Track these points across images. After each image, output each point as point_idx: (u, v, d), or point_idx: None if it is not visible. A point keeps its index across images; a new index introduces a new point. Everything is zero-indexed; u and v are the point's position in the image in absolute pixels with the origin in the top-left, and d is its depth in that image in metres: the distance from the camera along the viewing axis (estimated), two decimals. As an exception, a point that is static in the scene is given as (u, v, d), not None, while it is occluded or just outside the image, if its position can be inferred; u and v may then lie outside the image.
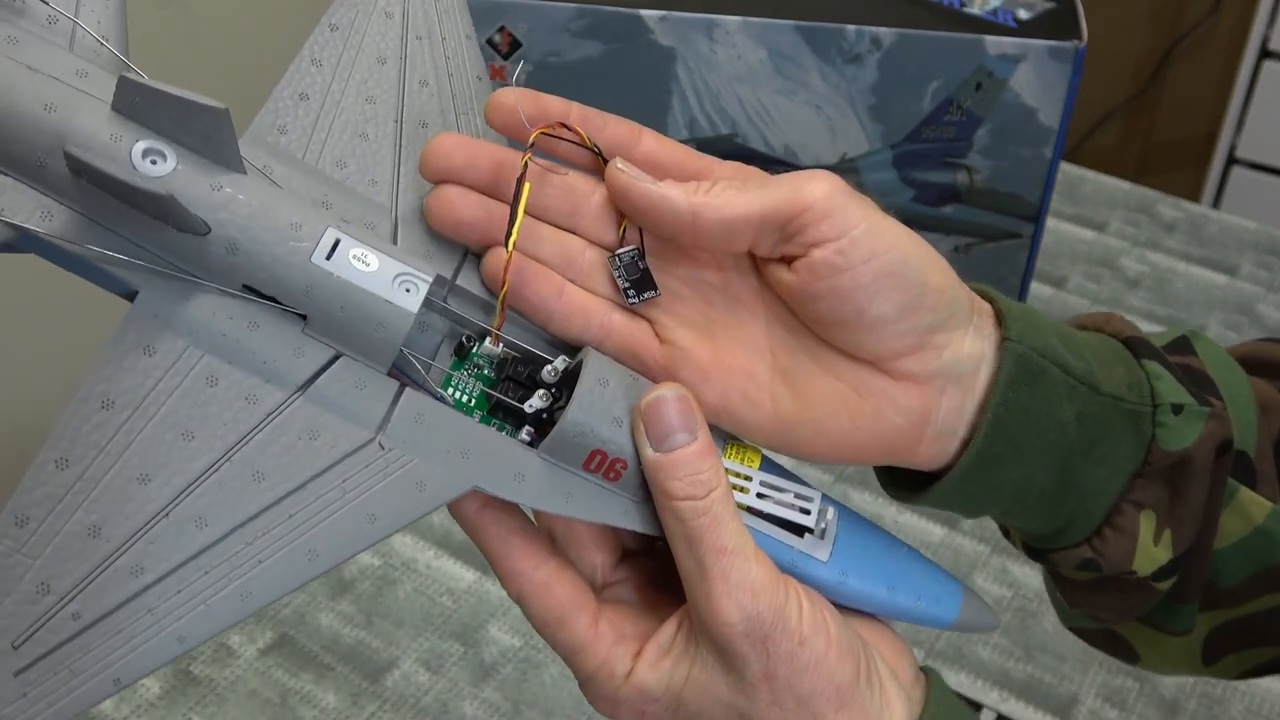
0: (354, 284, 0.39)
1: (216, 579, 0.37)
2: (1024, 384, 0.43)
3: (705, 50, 0.95)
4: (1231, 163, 2.03)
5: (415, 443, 0.39)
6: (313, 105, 0.43)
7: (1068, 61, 0.92)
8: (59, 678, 0.35)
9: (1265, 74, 1.94)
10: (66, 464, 0.37)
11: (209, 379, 0.38)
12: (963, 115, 0.95)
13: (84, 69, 0.40)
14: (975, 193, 0.99)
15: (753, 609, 0.40)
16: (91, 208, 0.38)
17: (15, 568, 0.35)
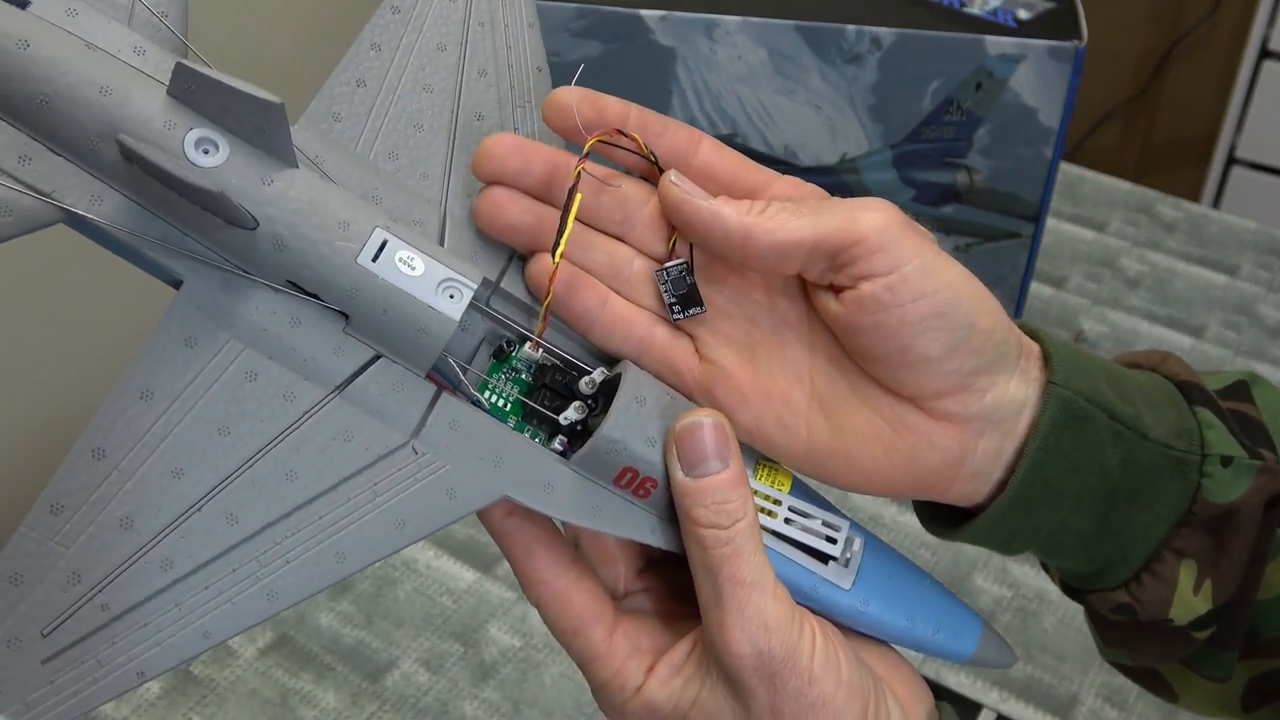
0: (398, 288, 0.39)
1: (244, 577, 0.37)
2: (1067, 429, 0.42)
3: (705, 50, 0.95)
4: (1231, 163, 2.03)
5: (449, 449, 0.39)
6: (369, 92, 0.43)
7: (1068, 61, 0.92)
8: (85, 668, 0.35)
9: (1265, 74, 1.94)
10: (103, 454, 0.37)
11: (248, 374, 0.38)
12: (963, 115, 0.95)
13: (142, 46, 0.39)
14: (975, 193, 0.99)
15: (764, 644, 0.40)
16: (142, 194, 0.38)
17: (48, 555, 0.35)
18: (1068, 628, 0.92)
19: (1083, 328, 1.22)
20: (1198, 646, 0.47)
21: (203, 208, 0.38)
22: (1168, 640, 0.47)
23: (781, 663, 0.40)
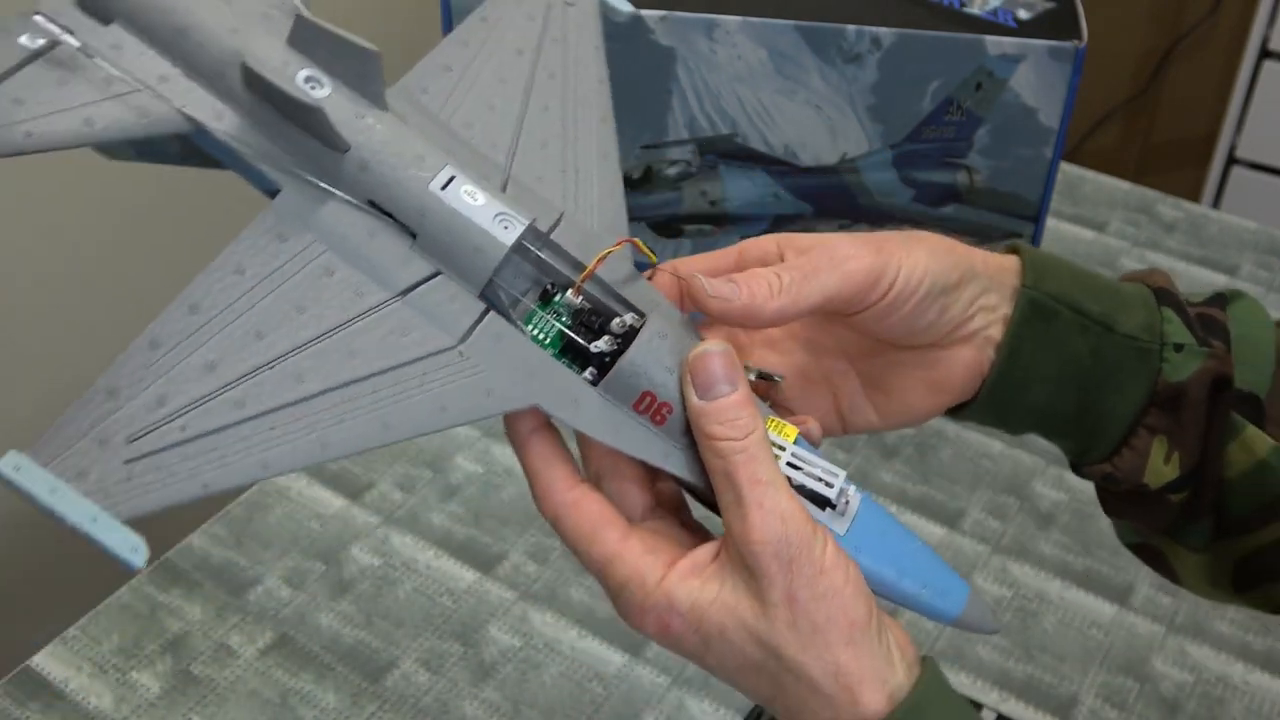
0: (460, 212, 0.45)
1: (303, 425, 0.43)
2: (1037, 322, 0.52)
3: (705, 50, 0.95)
4: (1231, 163, 2.03)
5: (490, 357, 0.45)
6: (453, 76, 0.51)
7: (1068, 61, 0.91)
8: (158, 474, 0.41)
9: (1265, 74, 1.94)
10: (197, 309, 0.43)
11: (327, 270, 0.45)
12: (963, 115, 0.95)
13: (270, 13, 0.47)
14: (975, 193, 0.99)
15: (783, 531, 0.44)
16: (255, 115, 0.45)
17: (141, 380, 0.42)
18: (1068, 628, 0.92)
19: None
20: (1175, 512, 0.55)
21: (303, 128, 0.45)
22: (1149, 505, 0.55)
23: (798, 549, 0.44)
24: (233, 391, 0.42)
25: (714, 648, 0.46)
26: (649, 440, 0.47)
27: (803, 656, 0.44)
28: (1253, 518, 0.54)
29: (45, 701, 0.86)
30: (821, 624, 0.44)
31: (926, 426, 1.09)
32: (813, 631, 0.44)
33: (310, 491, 1.02)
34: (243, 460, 0.42)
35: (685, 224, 1.04)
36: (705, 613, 0.45)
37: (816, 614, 0.44)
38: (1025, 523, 1.01)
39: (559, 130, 0.51)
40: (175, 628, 0.91)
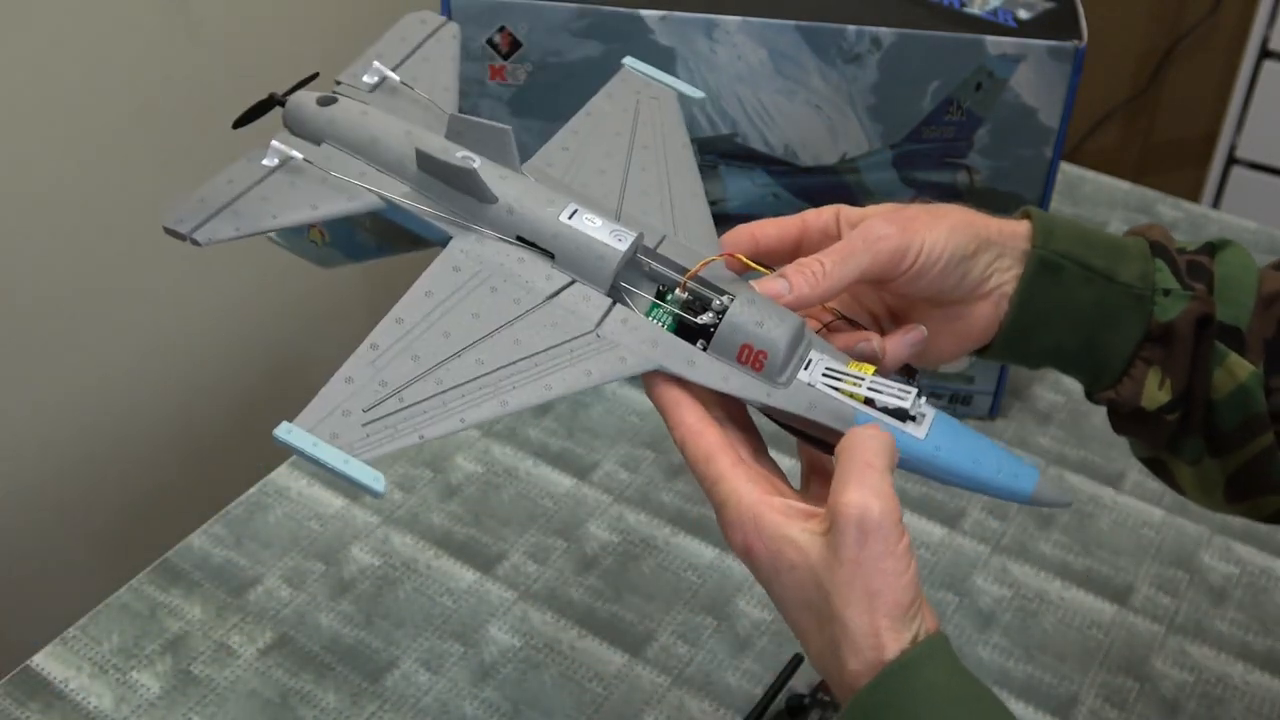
0: (584, 233, 0.60)
1: (487, 392, 0.56)
2: (1045, 276, 0.63)
3: (705, 50, 0.95)
4: (1231, 163, 2.03)
5: (620, 336, 0.59)
6: (569, 154, 0.67)
7: (1068, 61, 0.91)
8: (387, 431, 0.55)
9: (1265, 74, 1.94)
10: (401, 321, 0.58)
11: (491, 288, 0.60)
12: (963, 115, 0.95)
13: (429, 120, 0.65)
14: (975, 193, 0.99)
15: (869, 505, 0.51)
16: (427, 187, 0.62)
17: (367, 369, 0.56)
18: (1068, 628, 0.92)
19: None
20: (1172, 429, 0.65)
21: (464, 190, 0.61)
22: (1149, 424, 0.65)
23: (876, 525, 0.51)
24: (433, 373, 0.56)
25: (781, 578, 0.54)
26: (752, 383, 0.58)
27: (849, 610, 0.52)
28: (1237, 434, 0.64)
29: (45, 701, 0.86)
30: (874, 593, 0.51)
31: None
32: (865, 595, 0.51)
33: (310, 491, 1.02)
34: (445, 419, 0.55)
35: None
36: (783, 547, 0.53)
37: (873, 583, 0.51)
38: (1025, 523, 1.01)
39: (655, 182, 0.67)
40: (175, 628, 0.91)
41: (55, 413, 1.10)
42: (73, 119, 1.02)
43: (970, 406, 1.10)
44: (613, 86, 0.72)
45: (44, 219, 1.03)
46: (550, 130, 0.84)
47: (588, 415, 1.10)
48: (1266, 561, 0.98)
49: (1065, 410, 1.12)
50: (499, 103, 1.00)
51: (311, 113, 0.65)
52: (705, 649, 0.90)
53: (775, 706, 0.84)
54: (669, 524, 1.00)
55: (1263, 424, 0.64)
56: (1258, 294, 0.65)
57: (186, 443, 1.23)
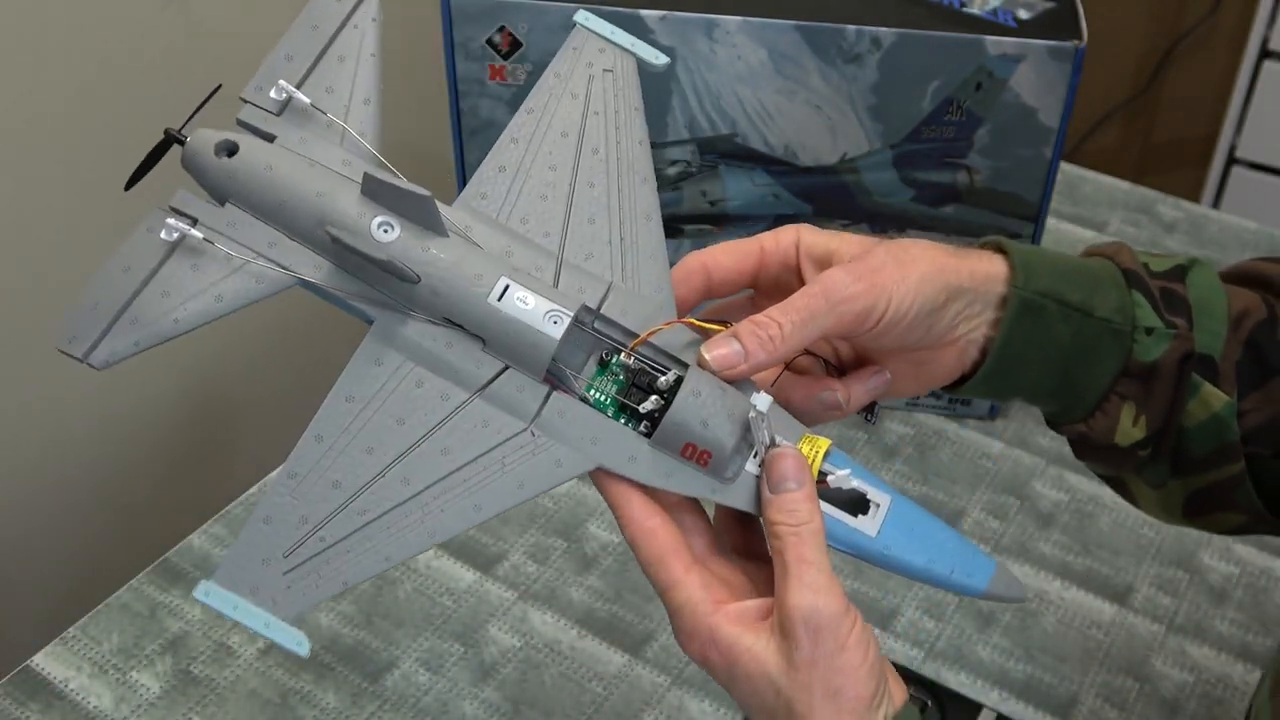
0: (515, 318, 0.54)
1: (413, 520, 0.52)
2: (1026, 318, 0.59)
3: (705, 50, 0.95)
4: (1231, 163, 2.03)
5: (558, 432, 0.54)
6: (507, 175, 0.59)
7: (1068, 61, 0.91)
8: (309, 579, 0.51)
9: (1265, 74, 1.94)
10: (321, 439, 0.53)
11: (417, 382, 0.54)
12: (963, 115, 0.95)
13: (349, 159, 0.58)
14: (975, 193, 0.99)
15: (814, 604, 0.51)
16: (345, 263, 0.55)
17: (286, 506, 0.52)
18: (1068, 628, 0.92)
19: None
20: (1140, 460, 0.63)
21: (383, 270, 0.54)
22: (1119, 457, 0.63)
23: (825, 622, 0.50)
24: (355, 502, 0.52)
25: (740, 686, 0.52)
26: (696, 480, 0.54)
27: (813, 715, 0.51)
28: (1206, 459, 0.63)
29: (45, 701, 0.86)
30: (834, 692, 0.50)
31: (926, 426, 1.09)
32: (825, 696, 0.50)
33: (310, 491, 1.02)
34: (370, 557, 0.52)
35: (685, 224, 1.04)
36: (740, 656, 0.52)
37: (832, 683, 0.50)
38: (1025, 523, 1.01)
39: (604, 204, 0.59)
40: (175, 628, 0.91)
41: (55, 412, 1.10)
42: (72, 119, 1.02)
43: (970, 406, 1.10)
44: (562, 59, 0.62)
45: (43, 218, 1.03)
46: None
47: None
48: (1266, 561, 0.98)
49: (1065, 410, 1.12)
50: (499, 103, 1.00)
51: (211, 165, 0.57)
52: (705, 649, 0.90)
53: (775, 706, 0.84)
54: (669, 524, 1.00)
55: (1235, 452, 0.62)
56: (1228, 317, 0.63)
57: (187, 443, 1.23)
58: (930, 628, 0.90)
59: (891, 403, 1.11)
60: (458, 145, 1.02)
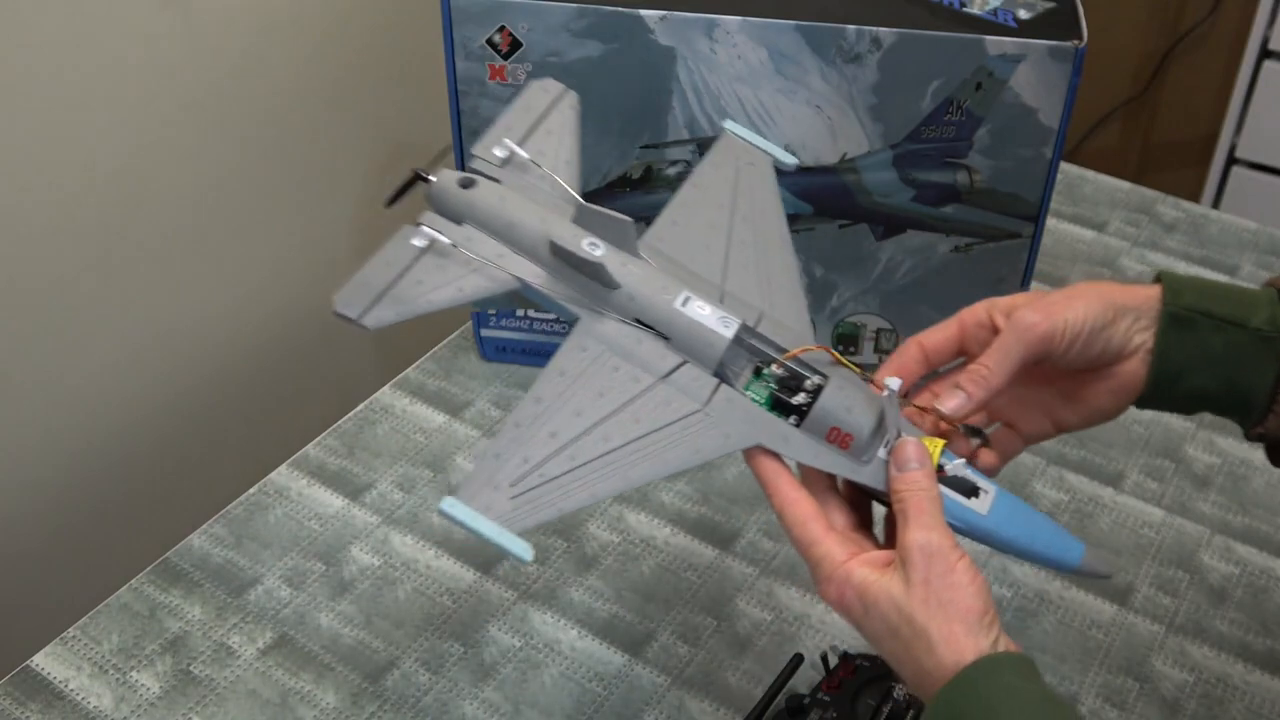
0: (696, 320, 0.68)
1: (612, 469, 0.64)
2: (1176, 329, 0.70)
3: (705, 50, 0.95)
4: (1231, 163, 2.03)
5: (725, 414, 0.67)
6: (678, 228, 0.75)
7: (1068, 61, 0.91)
8: (531, 505, 0.62)
9: (1265, 74, 1.94)
10: (539, 400, 0.66)
11: (614, 367, 0.68)
12: (963, 115, 0.95)
13: (560, 205, 0.72)
14: (975, 192, 0.99)
15: (928, 537, 0.62)
16: (558, 272, 0.70)
17: (513, 445, 0.64)
18: (1068, 628, 0.92)
19: None
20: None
21: (590, 276, 0.68)
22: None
23: (936, 550, 0.61)
24: (567, 450, 0.64)
25: (870, 614, 0.62)
26: (839, 460, 0.67)
27: (929, 623, 0.60)
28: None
29: (45, 701, 0.86)
30: (944, 602, 0.61)
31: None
32: (937, 605, 0.61)
33: (310, 491, 1.02)
34: (580, 493, 0.64)
35: None
36: (870, 589, 0.62)
37: (942, 594, 0.61)
38: (1025, 523, 1.01)
39: (752, 256, 0.74)
40: (175, 628, 0.91)
41: (55, 413, 1.10)
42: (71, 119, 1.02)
43: None
44: (716, 153, 0.80)
45: (43, 219, 1.03)
46: None
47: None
48: (1266, 561, 0.98)
49: (1065, 410, 1.12)
50: (499, 103, 1.00)
51: (454, 195, 0.72)
52: (705, 649, 0.90)
53: (775, 706, 0.84)
54: (669, 524, 1.00)
55: None
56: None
57: (186, 443, 1.23)
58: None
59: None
60: (458, 145, 1.03)
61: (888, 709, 0.81)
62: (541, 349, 1.14)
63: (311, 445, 1.07)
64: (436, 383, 1.14)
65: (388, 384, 1.13)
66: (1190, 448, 1.08)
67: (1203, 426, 1.10)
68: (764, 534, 0.99)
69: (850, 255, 1.04)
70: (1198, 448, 1.08)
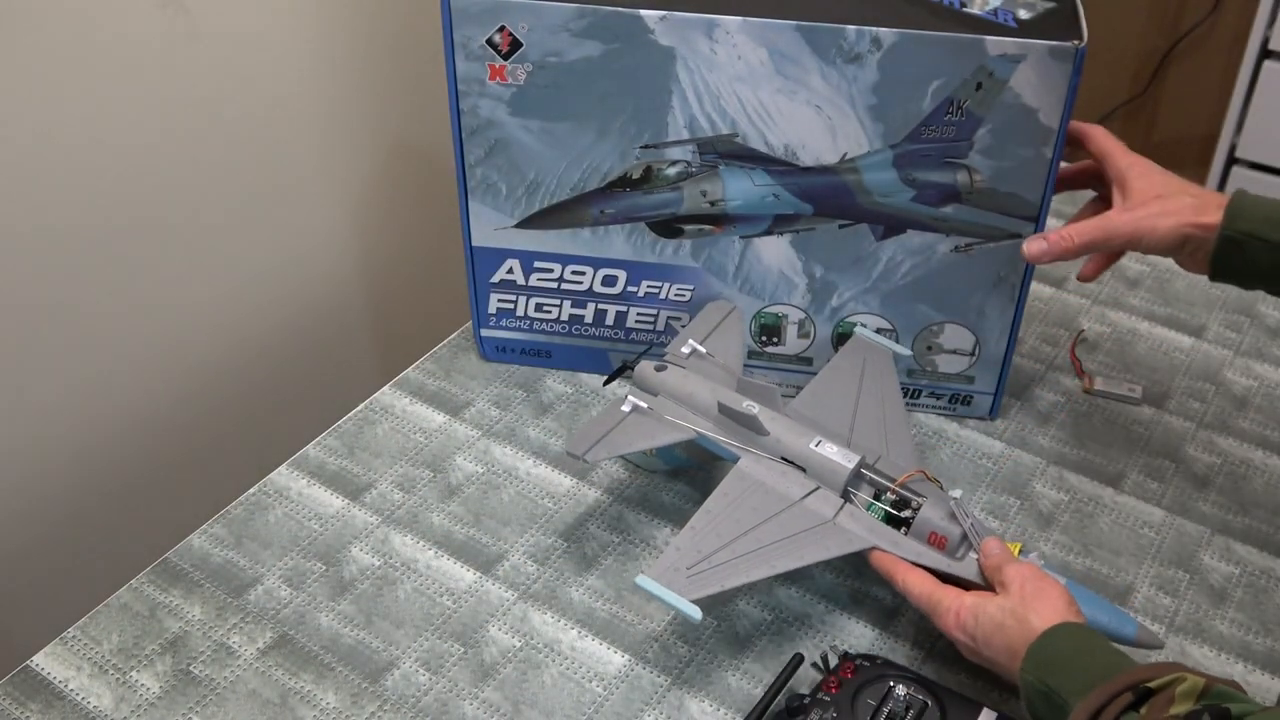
0: (826, 457, 0.92)
1: (762, 559, 0.87)
2: (1228, 248, 0.87)
3: (705, 50, 0.95)
4: (1231, 163, 2.03)
5: (849, 524, 0.90)
6: (817, 398, 1.00)
7: (1068, 61, 0.91)
8: (700, 582, 0.85)
9: (1265, 74, 1.94)
10: (710, 512, 0.90)
11: (765, 491, 0.92)
12: (963, 115, 0.95)
13: (723, 376, 1.00)
14: (976, 193, 0.99)
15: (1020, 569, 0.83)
16: (723, 425, 0.96)
17: (692, 541, 0.88)
18: (1068, 628, 0.92)
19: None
20: None
21: (746, 426, 0.95)
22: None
23: (1030, 573, 0.83)
24: (730, 545, 0.88)
25: (980, 621, 0.82)
26: (938, 558, 0.89)
27: (1027, 612, 0.80)
28: None
29: (45, 701, 0.86)
30: (1039, 597, 0.80)
31: (927, 426, 1.09)
32: (1035, 598, 0.80)
33: (310, 491, 1.02)
34: (738, 576, 0.86)
35: (685, 224, 1.04)
36: (980, 604, 0.83)
37: (1038, 595, 0.81)
38: (1025, 523, 1.01)
39: (876, 417, 0.98)
40: (175, 628, 0.91)
41: (55, 413, 1.10)
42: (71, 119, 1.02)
43: (970, 406, 1.11)
44: (849, 348, 1.05)
45: (43, 221, 1.03)
46: (550, 130, 1.01)
47: (589, 416, 1.10)
48: (1266, 562, 0.98)
49: (1065, 410, 1.12)
50: (499, 103, 1.00)
51: (651, 375, 1.00)
52: (705, 649, 0.90)
53: (775, 706, 0.84)
54: (669, 524, 1.00)
55: None
56: None
57: (186, 443, 1.23)
58: (931, 629, 0.90)
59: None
60: (458, 145, 1.02)
61: (888, 709, 0.81)
62: (540, 349, 1.14)
63: (311, 445, 1.07)
64: (436, 383, 1.14)
65: (388, 384, 1.13)
66: (1190, 448, 1.08)
67: (1202, 427, 1.10)
68: (764, 534, 0.99)
69: (850, 255, 1.03)
70: (1197, 448, 1.08)
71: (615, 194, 1.03)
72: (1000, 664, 0.81)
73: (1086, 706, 0.70)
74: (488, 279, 1.10)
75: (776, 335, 1.10)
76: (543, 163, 1.03)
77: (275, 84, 1.19)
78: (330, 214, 1.30)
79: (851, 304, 1.06)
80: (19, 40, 0.96)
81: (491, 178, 1.04)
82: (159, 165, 1.10)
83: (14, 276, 1.02)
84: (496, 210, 1.06)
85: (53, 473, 1.11)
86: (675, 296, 1.09)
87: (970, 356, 1.08)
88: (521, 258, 1.09)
